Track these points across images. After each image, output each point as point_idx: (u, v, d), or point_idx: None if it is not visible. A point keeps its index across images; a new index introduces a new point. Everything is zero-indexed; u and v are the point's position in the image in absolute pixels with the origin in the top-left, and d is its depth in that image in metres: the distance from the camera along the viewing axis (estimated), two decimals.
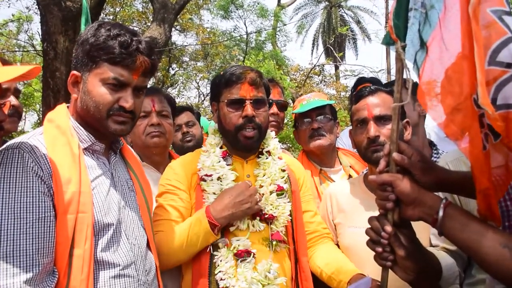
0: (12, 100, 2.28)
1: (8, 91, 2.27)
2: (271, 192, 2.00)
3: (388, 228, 1.39)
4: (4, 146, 1.38)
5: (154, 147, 2.45)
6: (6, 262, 1.23)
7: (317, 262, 2.05)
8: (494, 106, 1.13)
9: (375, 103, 1.99)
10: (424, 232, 1.82)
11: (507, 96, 1.12)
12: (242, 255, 1.86)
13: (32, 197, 1.31)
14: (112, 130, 1.53)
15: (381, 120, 1.96)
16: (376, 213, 1.48)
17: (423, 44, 1.39)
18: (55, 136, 1.46)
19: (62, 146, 1.44)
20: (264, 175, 2.04)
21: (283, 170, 2.09)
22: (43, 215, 1.32)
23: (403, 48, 1.42)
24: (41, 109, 13.85)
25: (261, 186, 2.01)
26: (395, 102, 1.44)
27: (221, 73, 2.11)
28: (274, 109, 2.87)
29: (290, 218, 2.02)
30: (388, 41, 1.46)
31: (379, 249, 1.43)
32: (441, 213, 1.29)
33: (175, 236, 1.85)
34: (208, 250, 1.88)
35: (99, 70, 1.49)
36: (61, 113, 1.56)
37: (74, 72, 1.54)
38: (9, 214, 1.27)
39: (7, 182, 1.29)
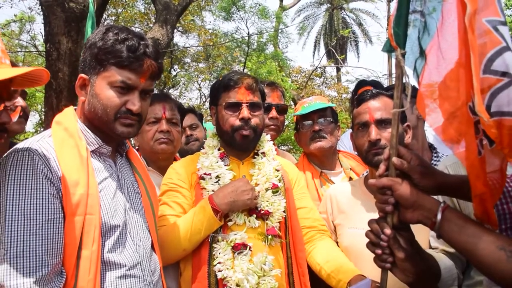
0: (19, 101, 2.31)
1: (16, 93, 2.30)
2: (266, 190, 2.09)
3: (388, 230, 1.42)
4: (14, 148, 1.40)
5: (162, 153, 2.49)
6: (16, 263, 1.26)
7: (317, 259, 2.09)
8: (488, 113, 1.16)
9: (377, 107, 2.02)
10: (423, 234, 1.84)
11: (501, 103, 1.15)
12: (239, 248, 1.93)
13: (42, 199, 1.34)
14: (119, 133, 1.56)
15: (382, 123, 1.99)
16: (376, 214, 1.50)
17: (422, 52, 1.42)
18: (63, 138, 1.48)
19: (70, 148, 1.46)
20: (259, 174, 2.12)
21: (277, 170, 2.18)
22: (52, 217, 1.35)
23: (403, 55, 1.45)
24: (42, 109, 13.86)
25: (256, 185, 2.09)
26: (395, 108, 1.47)
27: (220, 78, 2.22)
28: (274, 113, 2.90)
29: (285, 214, 2.09)
30: (388, 49, 1.49)
31: (379, 251, 1.45)
32: (439, 216, 1.32)
33: (180, 226, 1.93)
34: (208, 241, 1.96)
35: (107, 74, 1.52)
36: (69, 116, 1.58)
37: (82, 75, 1.56)
38: (19, 216, 1.29)
39: (17, 184, 1.32)
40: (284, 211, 2.09)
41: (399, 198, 1.39)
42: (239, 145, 2.13)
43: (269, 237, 2.01)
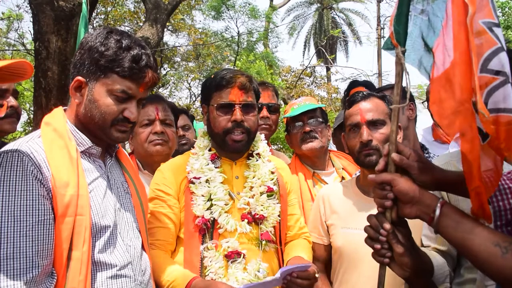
0: (11, 101, 2.29)
1: (7, 92, 2.28)
2: (261, 193, 2.02)
3: (387, 225, 1.43)
4: (3, 149, 1.39)
5: (157, 155, 2.45)
6: (7, 264, 1.25)
7: None
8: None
9: (368, 108, 2.03)
10: (415, 233, 1.86)
11: (497, 101, 1.20)
12: (232, 257, 1.88)
13: (32, 200, 1.32)
14: (114, 138, 1.57)
15: (373, 124, 2.01)
16: (369, 214, 1.51)
17: (429, 50, 1.44)
18: (52, 139, 1.47)
19: (60, 149, 1.45)
20: (254, 177, 2.06)
21: (273, 173, 2.12)
22: (43, 218, 1.33)
23: (403, 53, 1.47)
24: (31, 108, 13.68)
25: (251, 188, 2.04)
26: (395, 104, 1.49)
27: (212, 76, 2.12)
28: (265, 112, 2.90)
29: (279, 218, 2.05)
30: (388, 46, 1.51)
31: (378, 246, 1.46)
32: (437, 212, 1.33)
33: (161, 273, 1.82)
34: (200, 250, 1.89)
35: (108, 81, 1.51)
36: (58, 116, 1.57)
37: (79, 77, 1.53)
38: (9, 217, 1.28)
39: (7, 185, 1.31)
40: (278, 215, 2.04)
41: (398, 193, 1.40)
42: (231, 149, 2.04)
43: (263, 242, 1.96)
